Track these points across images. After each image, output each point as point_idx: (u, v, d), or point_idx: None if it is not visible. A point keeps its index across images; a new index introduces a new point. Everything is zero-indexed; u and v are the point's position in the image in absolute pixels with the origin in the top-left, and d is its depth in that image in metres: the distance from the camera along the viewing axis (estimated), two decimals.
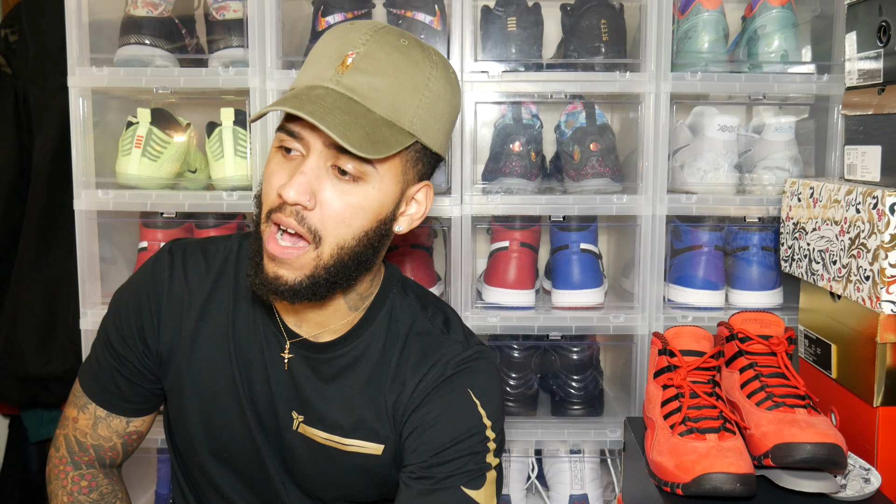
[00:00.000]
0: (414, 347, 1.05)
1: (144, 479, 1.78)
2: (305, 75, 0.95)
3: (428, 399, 1.02)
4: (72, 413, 1.13)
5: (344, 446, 1.05)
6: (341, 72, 0.91)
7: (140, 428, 1.14)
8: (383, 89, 0.92)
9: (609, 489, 1.70)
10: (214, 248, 1.10)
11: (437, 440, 0.99)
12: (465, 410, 1.01)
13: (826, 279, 1.30)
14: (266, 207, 0.94)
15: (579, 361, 1.66)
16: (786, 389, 1.16)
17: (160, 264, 1.08)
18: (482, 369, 1.05)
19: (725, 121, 1.55)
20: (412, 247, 1.64)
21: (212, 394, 1.07)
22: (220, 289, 1.07)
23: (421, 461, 0.99)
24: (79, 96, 1.56)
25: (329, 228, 0.92)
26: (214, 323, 1.07)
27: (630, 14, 1.62)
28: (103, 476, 1.14)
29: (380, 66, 0.92)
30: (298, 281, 0.93)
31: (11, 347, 1.90)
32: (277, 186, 0.91)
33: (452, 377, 1.02)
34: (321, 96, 0.90)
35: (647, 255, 1.56)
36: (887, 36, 1.23)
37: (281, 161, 0.94)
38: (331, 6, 1.56)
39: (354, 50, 0.92)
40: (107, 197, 1.57)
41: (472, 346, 1.06)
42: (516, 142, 1.58)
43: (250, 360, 1.06)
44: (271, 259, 0.93)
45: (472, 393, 1.02)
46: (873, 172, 1.27)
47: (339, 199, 0.92)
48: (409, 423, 1.02)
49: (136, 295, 1.08)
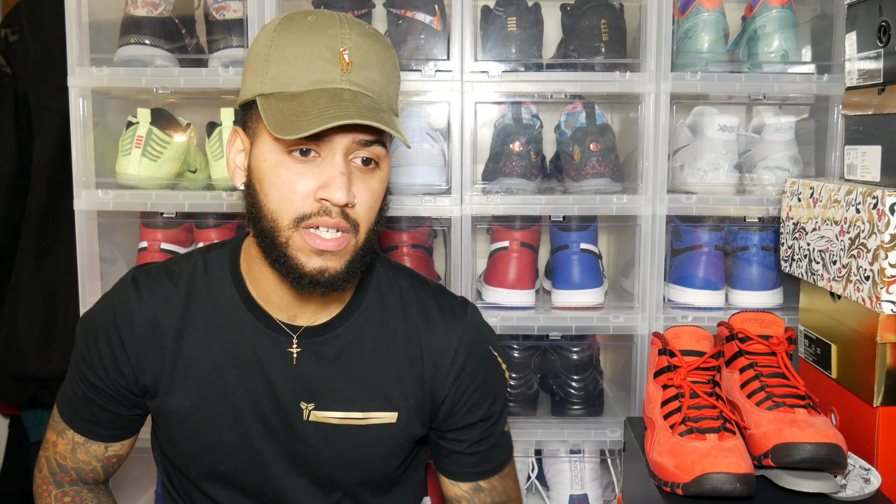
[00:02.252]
0: (414, 311, 1.10)
1: (144, 479, 1.78)
2: (301, 77, 0.93)
3: (465, 368, 1.10)
4: (51, 437, 1.13)
5: (360, 421, 1.07)
6: (347, 70, 0.93)
7: (119, 451, 1.14)
8: (380, 81, 0.96)
9: (609, 489, 1.70)
10: (178, 268, 1.10)
11: (481, 401, 1.12)
12: (495, 367, 1.14)
13: (826, 279, 1.30)
14: (294, 214, 0.94)
15: (579, 361, 1.66)
16: (786, 389, 1.16)
17: (124, 294, 1.07)
18: (484, 321, 1.16)
19: (725, 121, 1.55)
20: (412, 247, 1.64)
21: (202, 411, 1.06)
22: (195, 307, 1.07)
23: (477, 420, 1.12)
24: (79, 96, 1.56)
25: (363, 216, 0.97)
26: (195, 341, 1.06)
27: (630, 14, 1.62)
28: (87, 491, 1.15)
29: (370, 59, 0.96)
30: (344, 268, 0.96)
31: (11, 347, 1.90)
32: (312, 190, 0.93)
33: (474, 340, 1.11)
34: (353, 98, 0.92)
35: (647, 255, 1.56)
36: (887, 36, 1.23)
37: (296, 166, 0.94)
38: (330, 6, 1.56)
39: (344, 45, 0.93)
40: (107, 197, 1.57)
41: (463, 302, 1.15)
42: (516, 142, 1.58)
43: (244, 367, 1.06)
44: (318, 255, 0.94)
45: (490, 348, 1.14)
46: (873, 172, 1.27)
47: (367, 189, 0.97)
48: (450, 389, 1.10)
49: (104, 326, 1.07)
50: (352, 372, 1.07)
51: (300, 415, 1.06)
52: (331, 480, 1.10)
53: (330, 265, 0.95)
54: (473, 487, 1.17)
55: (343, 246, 0.95)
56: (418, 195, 1.55)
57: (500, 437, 1.17)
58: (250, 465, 1.08)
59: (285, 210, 0.94)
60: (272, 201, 0.95)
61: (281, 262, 0.96)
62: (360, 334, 1.08)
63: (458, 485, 1.17)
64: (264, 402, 1.06)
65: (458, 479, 1.16)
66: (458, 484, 1.17)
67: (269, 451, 1.07)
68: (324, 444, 1.07)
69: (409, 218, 1.61)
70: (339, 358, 1.07)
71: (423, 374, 1.09)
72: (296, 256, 0.95)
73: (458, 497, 1.18)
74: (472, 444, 1.14)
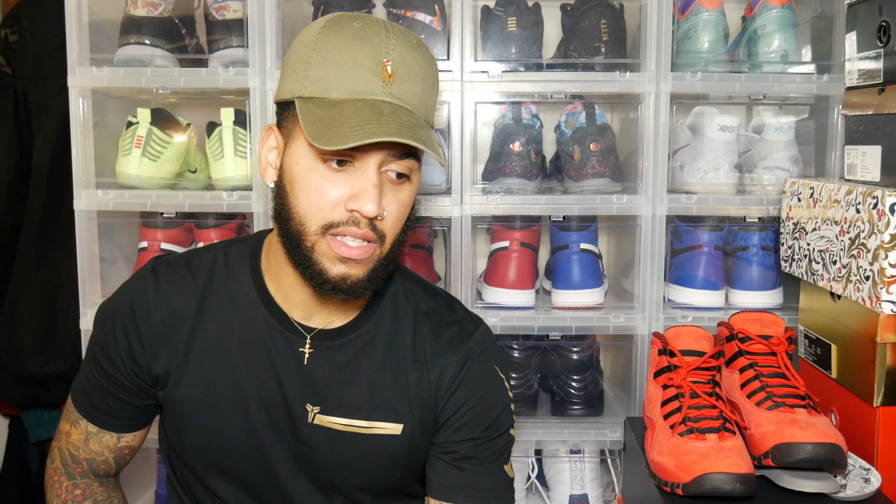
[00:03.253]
0: (426, 326, 1.10)
1: (144, 479, 1.78)
2: (342, 85, 0.92)
3: (464, 381, 1.09)
4: (65, 427, 1.13)
5: (364, 429, 1.07)
6: (388, 82, 0.93)
7: (132, 443, 1.15)
8: (420, 94, 0.96)
9: (609, 489, 1.70)
10: (198, 259, 1.10)
11: (477, 420, 1.09)
12: (498, 388, 1.11)
13: (826, 279, 1.30)
14: (323, 221, 0.94)
15: (579, 361, 1.66)
16: (786, 389, 1.16)
17: (143, 282, 1.08)
18: (494, 343, 1.14)
19: (725, 121, 1.55)
20: (412, 247, 1.64)
21: (211, 404, 1.06)
22: (212, 299, 1.07)
23: (467, 438, 1.08)
24: (79, 96, 1.56)
25: (390, 228, 0.98)
26: (210, 333, 1.06)
27: (630, 14, 1.62)
28: (98, 485, 1.15)
29: (412, 72, 0.95)
30: (367, 276, 0.97)
31: (11, 347, 1.90)
32: (343, 199, 0.93)
33: (480, 356, 1.10)
34: (392, 113, 0.91)
35: (647, 255, 1.56)
36: (887, 36, 1.23)
37: (329, 173, 0.94)
38: (331, 6, 1.56)
39: (388, 56, 0.93)
40: (107, 197, 1.57)
41: (477, 320, 1.14)
42: (516, 142, 1.58)
43: (256, 363, 1.06)
44: (343, 262, 0.95)
45: (497, 369, 1.12)
46: (873, 172, 1.27)
47: (397, 202, 0.97)
48: (447, 405, 1.08)
49: (121, 315, 1.07)
50: (359, 379, 1.07)
51: (305, 417, 1.06)
52: (331, 484, 1.10)
53: (353, 272, 0.96)
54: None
55: (368, 255, 0.96)
56: (418, 195, 1.54)
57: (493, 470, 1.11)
58: (255, 462, 1.08)
59: (314, 216, 0.94)
60: (302, 205, 0.95)
61: (305, 265, 0.96)
62: (371, 342, 1.07)
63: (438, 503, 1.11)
64: (273, 399, 1.06)
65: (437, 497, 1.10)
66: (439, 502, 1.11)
67: (275, 449, 1.07)
68: (326, 448, 1.07)
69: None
70: (348, 364, 1.07)
71: (429, 387, 1.09)
72: (320, 262, 0.95)
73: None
74: (459, 460, 1.09)
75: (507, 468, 1.13)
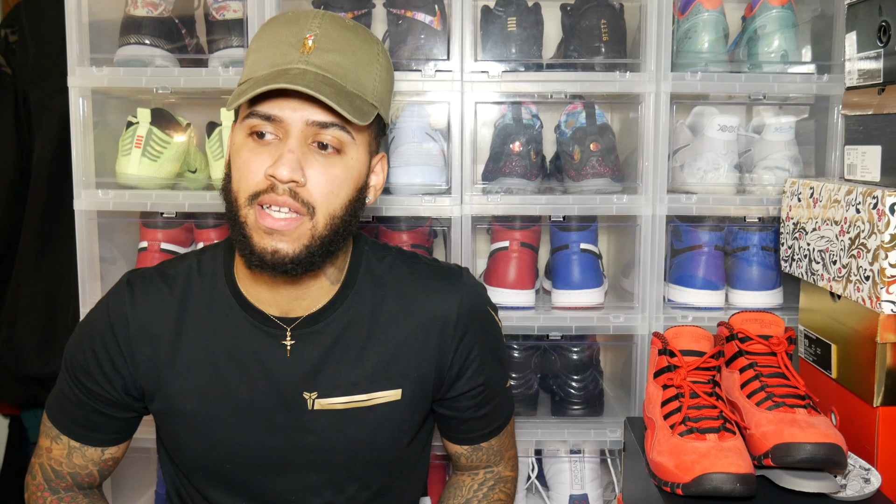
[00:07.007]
0: (409, 284, 1.11)
1: (144, 479, 1.78)
2: (264, 62, 0.96)
3: (468, 327, 1.11)
4: (45, 443, 1.13)
5: (365, 402, 1.08)
6: (307, 53, 0.94)
7: (115, 454, 1.15)
8: (346, 65, 0.96)
9: (609, 489, 1.70)
10: (173, 269, 1.10)
11: (485, 361, 1.13)
12: (493, 326, 1.17)
13: (826, 279, 1.30)
14: (248, 192, 0.96)
15: (579, 361, 1.66)
16: (786, 389, 1.16)
17: (119, 297, 1.08)
18: (477, 282, 1.17)
19: (725, 121, 1.55)
20: (412, 247, 1.64)
21: (206, 412, 1.07)
22: (191, 309, 1.08)
23: (479, 384, 1.14)
24: (79, 96, 1.56)
25: (320, 200, 0.96)
26: (193, 342, 1.07)
27: (630, 14, 1.62)
28: (83, 496, 1.15)
29: (338, 45, 0.96)
30: (298, 252, 0.96)
31: (11, 347, 1.90)
32: (264, 168, 0.94)
33: (474, 303, 1.13)
34: (299, 74, 0.92)
35: (647, 255, 1.56)
36: (887, 36, 1.23)
37: (255, 147, 0.96)
38: (331, 6, 1.56)
39: (311, 32, 0.95)
40: (107, 197, 1.57)
41: (458, 267, 1.17)
42: (516, 142, 1.58)
43: (244, 366, 1.06)
44: (268, 234, 0.95)
45: (489, 308, 1.16)
46: (873, 172, 1.27)
47: (325, 173, 0.96)
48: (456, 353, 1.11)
49: (99, 332, 1.07)
50: (350, 356, 1.07)
51: (305, 405, 1.07)
52: (344, 468, 1.10)
53: (280, 246, 0.95)
54: (473, 448, 1.21)
55: (294, 227, 0.95)
56: (418, 195, 1.55)
57: (501, 398, 1.19)
58: (257, 465, 1.08)
59: (242, 188, 0.96)
60: (234, 181, 0.98)
61: (240, 242, 0.97)
62: (354, 318, 1.08)
63: (458, 445, 1.21)
64: (267, 398, 1.06)
65: (460, 444, 1.21)
66: (460, 444, 1.21)
67: (278, 449, 1.07)
68: (332, 430, 1.08)
69: (409, 218, 1.61)
70: (335, 344, 1.07)
71: (428, 345, 1.09)
72: (251, 235, 0.96)
73: (457, 454, 1.23)
74: (476, 409, 1.16)
75: (508, 384, 1.22)
